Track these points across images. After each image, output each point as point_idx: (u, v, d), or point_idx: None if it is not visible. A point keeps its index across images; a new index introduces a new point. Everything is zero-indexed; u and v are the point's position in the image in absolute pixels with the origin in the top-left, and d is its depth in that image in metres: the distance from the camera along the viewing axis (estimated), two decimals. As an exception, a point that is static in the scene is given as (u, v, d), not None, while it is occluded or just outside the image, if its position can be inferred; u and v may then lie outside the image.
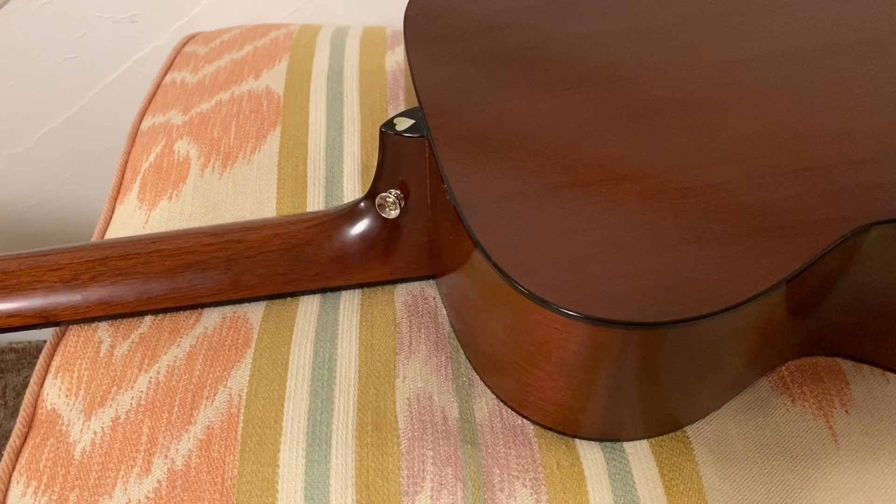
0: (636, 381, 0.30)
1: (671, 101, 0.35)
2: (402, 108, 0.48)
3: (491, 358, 0.34)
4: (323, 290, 0.38)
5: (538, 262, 0.29)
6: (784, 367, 0.36)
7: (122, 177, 0.47)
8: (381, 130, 0.35)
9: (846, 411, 0.34)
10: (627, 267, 0.29)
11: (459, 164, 0.33)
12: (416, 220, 0.37)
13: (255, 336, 0.36)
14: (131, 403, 0.33)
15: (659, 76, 0.36)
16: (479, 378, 0.35)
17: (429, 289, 0.39)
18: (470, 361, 0.35)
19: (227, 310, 0.37)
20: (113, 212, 0.45)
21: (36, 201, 0.71)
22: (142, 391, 0.33)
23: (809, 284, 0.30)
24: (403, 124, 0.35)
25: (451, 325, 0.37)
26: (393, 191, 0.36)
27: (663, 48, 0.38)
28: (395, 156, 0.36)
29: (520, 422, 0.33)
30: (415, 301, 0.38)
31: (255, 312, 0.37)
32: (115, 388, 0.34)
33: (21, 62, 0.63)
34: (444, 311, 0.37)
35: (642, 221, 0.30)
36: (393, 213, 0.36)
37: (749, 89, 0.35)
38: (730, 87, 0.36)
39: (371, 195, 0.37)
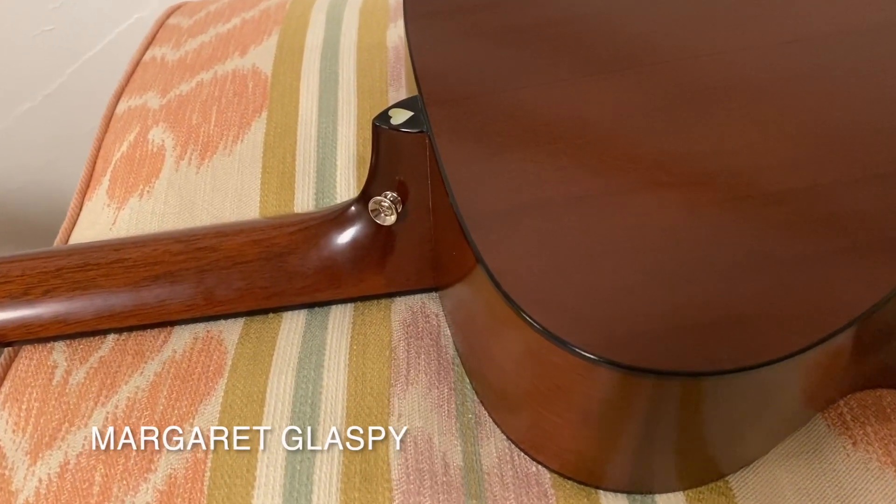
0: (673, 432, 0.26)
1: (719, 90, 0.29)
2: (403, 91, 0.43)
3: (500, 395, 0.29)
4: (310, 305, 0.34)
5: (557, 291, 0.24)
6: (843, 402, 0.30)
7: (94, 167, 0.42)
8: (373, 124, 0.30)
9: (918, 458, 0.29)
10: (667, 299, 0.24)
11: (465, 166, 0.28)
12: (415, 226, 0.32)
13: (229, 363, 0.31)
14: (83, 445, 0.28)
15: (703, 60, 0.31)
16: (487, 413, 0.30)
17: (431, 304, 0.34)
18: (476, 394, 0.30)
19: (200, 328, 0.33)
20: (81, 208, 0.40)
21: (17, 185, 0.67)
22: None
23: (888, 315, 0.25)
24: (400, 117, 0.30)
25: (456, 349, 0.32)
26: (389, 193, 0.31)
27: (707, 27, 0.32)
28: (391, 153, 0.30)
29: (534, 469, 0.28)
30: (414, 319, 0.33)
31: (231, 332, 0.33)
32: (66, 424, 0.29)
33: (-7, 35, 0.58)
34: (448, 331, 0.33)
35: (687, 241, 0.25)
36: (389, 220, 0.31)
37: (810, 76, 0.30)
38: (786, 74, 0.30)
39: (363, 198, 0.32)
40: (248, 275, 0.33)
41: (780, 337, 0.23)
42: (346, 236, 0.33)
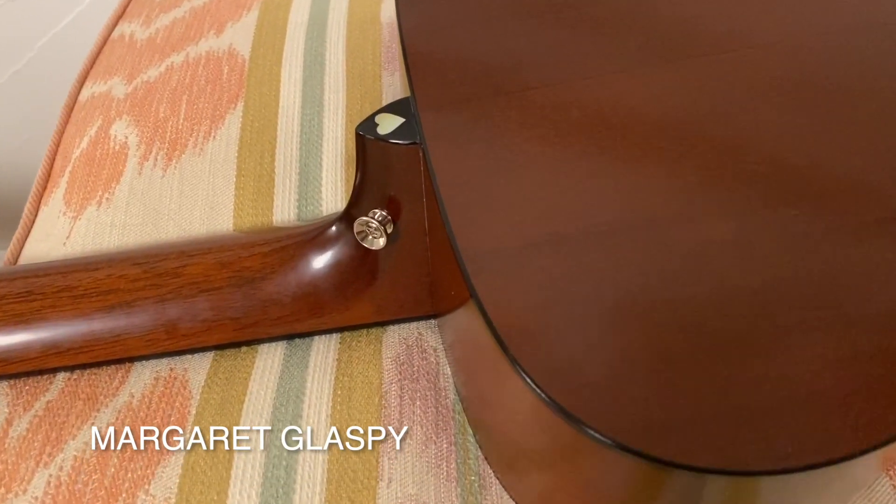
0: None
1: (777, 90, 0.24)
2: (398, 75, 0.38)
3: (506, 456, 0.24)
4: (289, 337, 0.29)
5: (577, 356, 0.19)
6: None
7: (52, 166, 0.38)
8: (357, 134, 0.25)
9: None
10: (717, 371, 0.19)
11: (465, 189, 0.23)
12: (409, 248, 0.27)
13: (194, 412, 0.27)
14: (20, 517, 0.25)
15: (753, 52, 0.25)
16: (492, 473, 0.26)
17: (428, 335, 0.29)
18: (481, 448, 0.26)
19: (163, 365, 0.29)
20: (37, 213, 0.36)
21: (-11, 169, 0.62)
22: (36, 497, 0.25)
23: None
24: (388, 124, 0.25)
25: (457, 391, 0.28)
26: (377, 212, 0.26)
27: (762, 11, 0.26)
28: (379, 167, 0.26)
29: (547, 544, 0.24)
30: (409, 355, 0.28)
31: (197, 370, 0.28)
32: (2, 490, 0.25)
33: (-48, 7, 0.53)
34: (448, 369, 0.28)
35: (742, 293, 0.20)
36: (378, 243, 0.27)
37: (885, 71, 0.24)
38: (855, 69, 0.25)
39: (347, 218, 0.27)
40: (216, 304, 0.28)
41: (863, 422, 0.18)
42: (327, 259, 0.28)
